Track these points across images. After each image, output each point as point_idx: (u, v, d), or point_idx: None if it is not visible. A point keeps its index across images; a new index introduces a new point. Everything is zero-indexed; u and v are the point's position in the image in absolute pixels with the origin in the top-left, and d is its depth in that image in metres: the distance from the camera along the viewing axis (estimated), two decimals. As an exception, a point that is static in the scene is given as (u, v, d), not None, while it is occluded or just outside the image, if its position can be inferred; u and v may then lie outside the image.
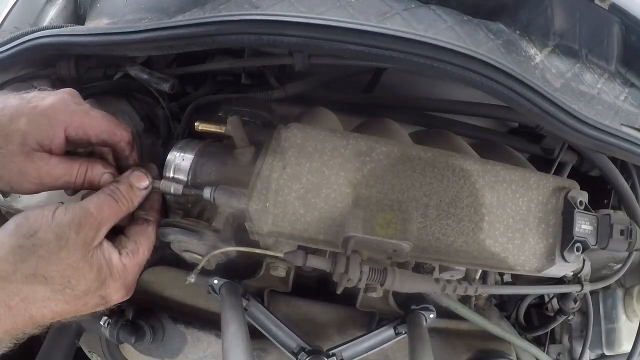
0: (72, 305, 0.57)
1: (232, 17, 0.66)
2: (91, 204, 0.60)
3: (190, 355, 0.93)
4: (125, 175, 0.66)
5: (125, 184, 0.64)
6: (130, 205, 0.65)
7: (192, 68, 0.95)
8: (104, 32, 0.74)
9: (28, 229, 0.55)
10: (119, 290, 0.62)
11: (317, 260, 0.71)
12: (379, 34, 0.64)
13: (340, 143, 0.73)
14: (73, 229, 0.56)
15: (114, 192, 0.63)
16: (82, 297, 0.57)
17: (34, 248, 0.54)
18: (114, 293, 0.61)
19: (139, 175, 0.66)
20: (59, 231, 0.55)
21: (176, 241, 0.77)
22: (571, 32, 0.80)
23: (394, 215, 0.71)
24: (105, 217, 0.60)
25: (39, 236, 0.54)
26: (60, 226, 0.56)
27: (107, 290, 0.60)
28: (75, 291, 0.56)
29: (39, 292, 0.54)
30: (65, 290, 0.56)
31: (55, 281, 0.55)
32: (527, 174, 0.79)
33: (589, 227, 0.77)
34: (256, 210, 0.70)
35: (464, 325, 1.00)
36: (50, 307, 0.55)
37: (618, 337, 1.17)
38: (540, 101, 0.67)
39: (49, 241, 0.54)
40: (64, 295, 0.56)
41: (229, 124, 0.73)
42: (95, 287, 0.58)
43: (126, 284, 0.63)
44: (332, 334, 0.93)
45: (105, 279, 0.59)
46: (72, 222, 0.56)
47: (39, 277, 0.54)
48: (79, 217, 0.57)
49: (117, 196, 0.63)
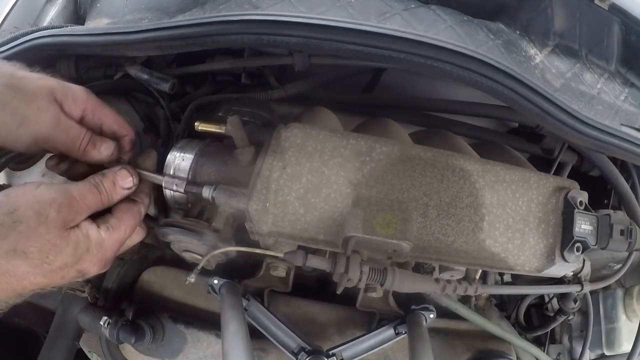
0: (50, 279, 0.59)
1: (232, 17, 0.67)
2: (75, 189, 0.61)
3: (190, 355, 0.93)
4: (113, 171, 0.67)
5: (110, 179, 0.66)
6: (109, 201, 0.66)
7: (192, 68, 0.95)
8: (104, 32, 0.74)
9: (8, 206, 0.56)
10: (95, 264, 0.64)
11: (317, 260, 0.71)
12: (379, 34, 0.64)
13: (340, 143, 0.73)
14: (54, 207, 0.58)
15: (99, 184, 0.65)
16: (59, 271, 0.60)
17: (14, 225, 0.55)
18: (90, 267, 0.63)
19: (124, 174, 0.68)
20: (39, 207, 0.57)
21: (176, 241, 0.77)
22: (571, 32, 0.80)
23: (394, 215, 0.71)
24: (87, 205, 0.62)
25: (19, 213, 0.56)
26: (41, 203, 0.57)
27: (84, 265, 0.62)
28: (52, 266, 0.58)
29: (19, 266, 0.56)
30: (44, 265, 0.58)
31: (34, 256, 0.57)
32: (527, 174, 0.79)
33: (589, 227, 0.77)
34: (256, 210, 0.70)
35: (464, 325, 1.00)
36: (30, 279, 0.57)
37: (618, 337, 1.17)
38: (540, 101, 0.67)
39: (28, 217, 0.56)
40: (42, 269, 0.58)
41: (229, 124, 0.73)
42: (72, 262, 0.60)
43: (103, 258, 0.65)
44: (332, 334, 0.93)
45: (82, 255, 0.61)
46: (54, 201, 0.58)
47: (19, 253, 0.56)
48: (61, 198, 0.59)
49: (100, 189, 0.64)
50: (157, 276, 0.98)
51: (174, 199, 0.80)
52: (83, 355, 1.15)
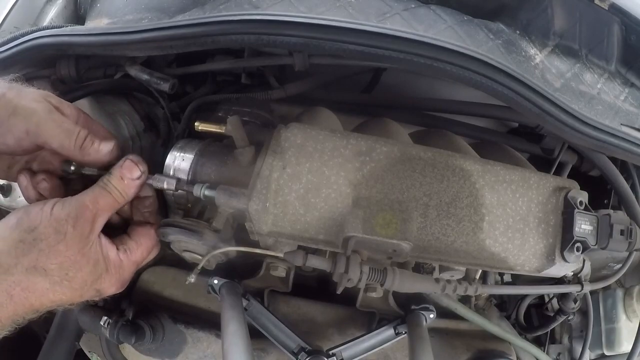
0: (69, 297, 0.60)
1: (232, 17, 0.66)
2: (86, 196, 0.62)
3: (190, 355, 0.94)
4: (117, 166, 0.67)
5: (116, 176, 0.65)
6: (124, 197, 0.66)
7: (192, 68, 0.95)
8: (104, 32, 0.74)
9: (29, 223, 0.57)
10: (113, 284, 0.65)
11: (317, 260, 0.71)
12: (379, 34, 0.64)
13: (340, 143, 0.73)
14: (70, 222, 0.58)
15: (107, 184, 0.64)
16: (79, 289, 0.60)
17: (34, 242, 0.56)
18: (108, 287, 0.64)
19: (129, 165, 0.67)
20: (57, 225, 0.58)
21: (176, 241, 0.77)
22: (571, 32, 0.80)
23: (394, 215, 0.71)
24: (100, 209, 0.62)
25: (39, 231, 0.57)
26: (59, 220, 0.58)
27: (103, 285, 0.63)
28: (72, 283, 0.59)
29: (39, 283, 0.57)
30: (63, 282, 0.59)
31: (54, 273, 0.58)
32: (527, 174, 0.79)
33: (589, 227, 0.77)
34: (256, 210, 0.70)
35: (464, 325, 1.00)
36: (49, 296, 0.58)
37: (618, 337, 1.17)
38: (540, 101, 0.67)
39: (48, 235, 0.57)
40: (62, 287, 0.59)
41: (229, 124, 0.73)
42: (91, 280, 0.61)
43: (121, 279, 0.66)
44: (332, 334, 0.93)
45: (101, 274, 0.62)
46: (69, 216, 0.59)
47: (39, 270, 0.57)
48: (75, 210, 0.59)
49: (110, 188, 0.64)
50: (157, 276, 0.98)
51: (174, 198, 0.79)
52: (83, 355, 1.16)
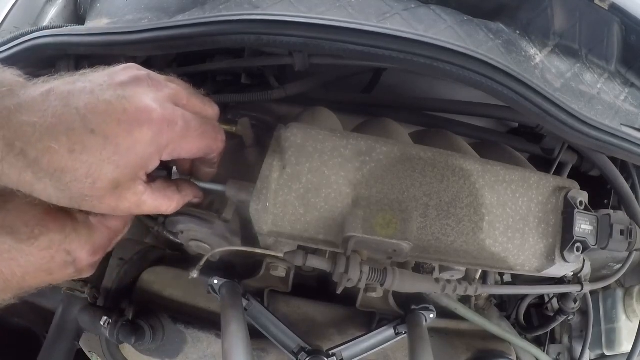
0: (38, 258, 0.58)
1: (232, 17, 0.66)
2: None
3: (190, 355, 0.93)
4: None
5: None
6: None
7: (192, 68, 0.95)
8: (104, 32, 0.74)
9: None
10: (83, 246, 0.61)
11: (317, 260, 0.71)
12: (379, 34, 0.64)
13: (340, 143, 0.73)
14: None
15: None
16: (47, 249, 0.58)
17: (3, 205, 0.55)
18: (79, 249, 0.61)
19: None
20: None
21: (186, 230, 0.78)
22: (571, 32, 0.80)
23: (394, 215, 0.71)
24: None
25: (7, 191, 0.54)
26: None
27: (72, 245, 0.60)
28: (39, 241, 0.57)
29: (5, 242, 0.55)
30: (30, 241, 0.56)
31: (20, 231, 0.56)
32: (527, 174, 0.79)
33: (589, 227, 0.77)
34: (256, 210, 0.70)
35: (464, 325, 1.00)
36: (17, 260, 0.56)
37: (618, 337, 1.17)
38: (540, 101, 0.67)
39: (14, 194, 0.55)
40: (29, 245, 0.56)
41: (240, 124, 0.74)
42: (58, 239, 0.59)
43: (92, 241, 0.62)
44: (332, 334, 0.93)
45: (69, 233, 0.60)
46: None
47: (5, 228, 0.55)
48: None
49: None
50: (157, 276, 0.98)
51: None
52: (83, 355, 1.16)
